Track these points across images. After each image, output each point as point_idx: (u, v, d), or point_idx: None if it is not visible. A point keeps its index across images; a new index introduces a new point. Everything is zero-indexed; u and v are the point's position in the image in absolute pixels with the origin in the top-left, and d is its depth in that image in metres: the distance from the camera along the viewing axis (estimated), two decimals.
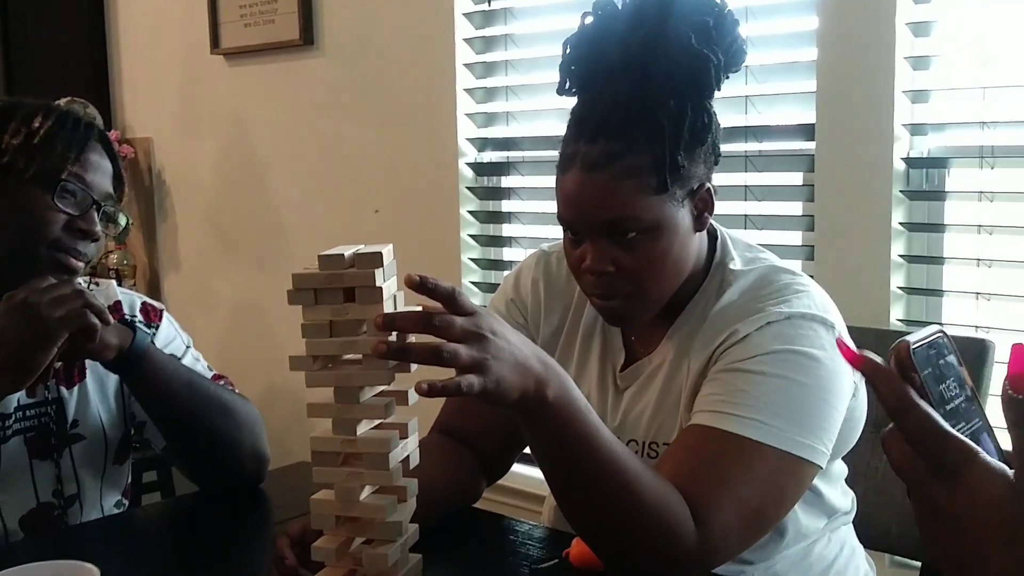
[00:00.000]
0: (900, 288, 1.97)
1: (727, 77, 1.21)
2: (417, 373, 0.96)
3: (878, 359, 0.62)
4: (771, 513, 1.14)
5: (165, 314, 1.47)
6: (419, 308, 0.92)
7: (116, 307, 1.41)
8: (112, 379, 1.41)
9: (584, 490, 1.04)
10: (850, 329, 1.27)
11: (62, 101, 1.41)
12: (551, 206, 2.47)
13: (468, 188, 2.59)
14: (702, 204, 1.22)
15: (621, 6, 1.22)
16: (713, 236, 1.30)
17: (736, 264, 1.27)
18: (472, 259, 2.62)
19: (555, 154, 2.41)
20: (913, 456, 0.61)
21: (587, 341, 1.35)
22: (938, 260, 1.96)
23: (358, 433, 0.93)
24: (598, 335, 1.34)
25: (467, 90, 2.56)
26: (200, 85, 3.19)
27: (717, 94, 1.20)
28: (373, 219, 2.79)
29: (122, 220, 1.33)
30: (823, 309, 1.21)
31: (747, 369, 1.15)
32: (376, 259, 0.91)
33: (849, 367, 1.21)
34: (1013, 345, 0.59)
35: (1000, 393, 0.59)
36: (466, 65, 2.55)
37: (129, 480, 1.51)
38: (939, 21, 1.89)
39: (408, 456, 0.98)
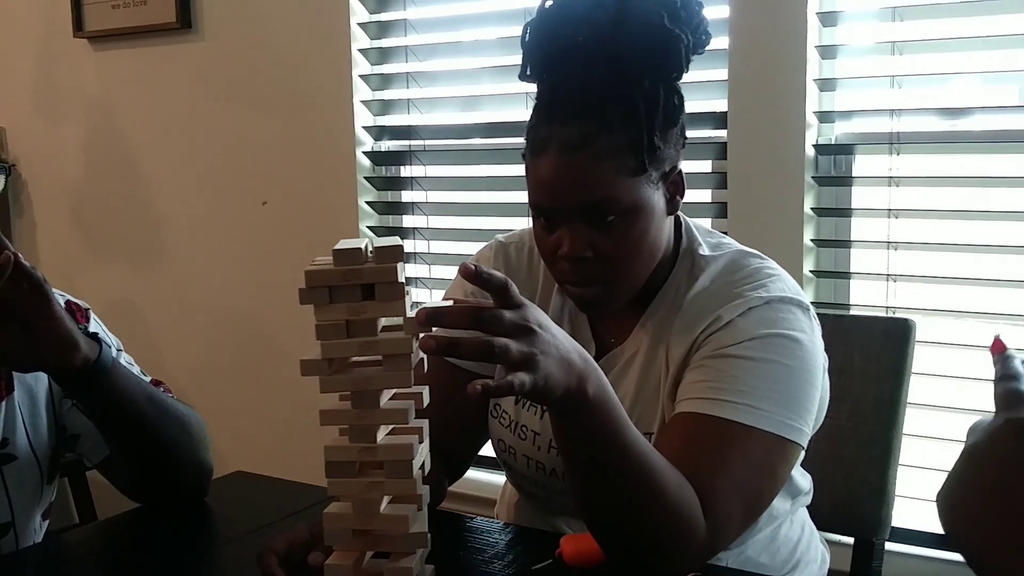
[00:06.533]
0: (811, 271, 2.02)
1: (692, 59, 1.21)
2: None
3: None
4: (766, 497, 1.15)
5: (91, 314, 1.35)
6: (450, 302, 0.87)
7: None
8: (42, 390, 1.28)
9: (611, 487, 1.01)
10: None
11: None
12: (454, 196, 2.47)
13: (366, 178, 2.51)
14: (674, 187, 1.21)
15: None
16: (677, 222, 1.29)
17: (704, 250, 1.27)
18: None
19: (459, 143, 2.41)
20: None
21: None
22: (847, 244, 2.02)
23: (377, 440, 0.87)
24: (566, 325, 1.31)
25: (363, 76, 2.48)
26: (61, 71, 2.97)
27: None
28: (261, 211, 2.67)
29: None
30: (796, 292, 1.23)
31: (735, 355, 1.15)
32: (397, 253, 0.85)
33: (822, 347, 1.24)
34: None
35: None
36: (362, 51, 2.46)
37: (52, 499, 1.38)
38: (848, 11, 1.95)
39: (424, 462, 0.93)
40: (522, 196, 1.23)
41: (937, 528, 1.95)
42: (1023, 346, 1.84)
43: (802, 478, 1.36)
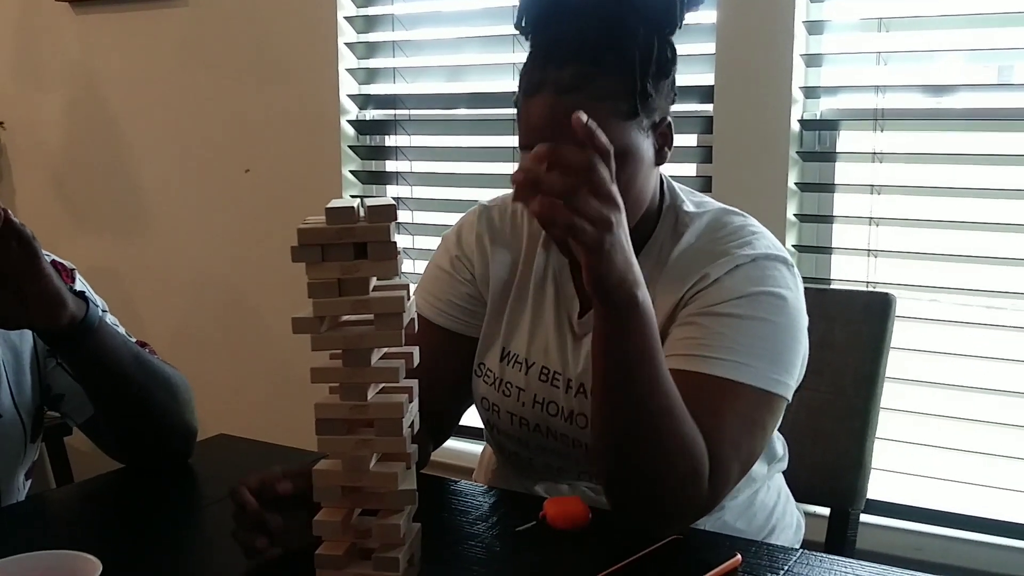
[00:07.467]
0: (794, 246, 2.04)
1: (685, 14, 1.21)
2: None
3: None
4: (757, 451, 1.17)
5: (77, 274, 1.34)
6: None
7: None
8: (27, 348, 1.28)
9: (637, 406, 1.04)
10: None
11: None
12: (439, 166, 2.46)
13: (350, 147, 2.51)
14: (663, 138, 1.22)
15: None
16: (660, 180, 1.30)
17: (688, 206, 1.28)
18: None
19: (444, 113, 2.40)
20: None
21: (539, 290, 1.33)
22: (830, 219, 2.04)
23: (368, 398, 0.88)
24: (550, 283, 1.33)
25: (348, 44, 2.46)
26: (42, 36, 2.94)
27: None
28: (244, 180, 2.66)
29: None
30: (779, 248, 1.25)
31: (723, 312, 1.17)
32: (390, 212, 0.86)
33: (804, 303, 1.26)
34: None
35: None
36: (347, 18, 2.45)
37: (35, 458, 1.38)
38: None
39: (413, 420, 0.93)
40: (507, 167, 1.23)
41: (910, 500, 1.98)
42: (1012, 324, 1.87)
43: (777, 442, 1.39)
